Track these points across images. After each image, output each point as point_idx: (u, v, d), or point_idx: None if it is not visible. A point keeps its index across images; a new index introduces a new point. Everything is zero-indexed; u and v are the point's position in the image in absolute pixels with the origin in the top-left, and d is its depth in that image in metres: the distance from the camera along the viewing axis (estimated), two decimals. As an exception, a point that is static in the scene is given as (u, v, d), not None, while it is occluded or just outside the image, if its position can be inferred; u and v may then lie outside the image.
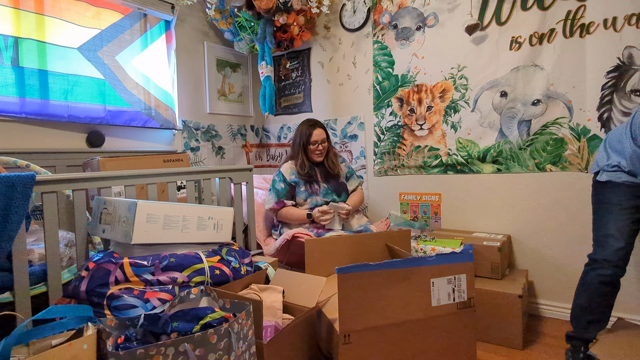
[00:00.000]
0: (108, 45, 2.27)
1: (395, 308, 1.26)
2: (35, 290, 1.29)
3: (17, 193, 1.18)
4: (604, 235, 1.52)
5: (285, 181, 2.23)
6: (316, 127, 2.25)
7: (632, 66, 1.84)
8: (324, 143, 2.25)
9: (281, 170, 2.28)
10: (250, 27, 2.66)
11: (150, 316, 1.03)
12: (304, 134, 2.24)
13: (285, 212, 2.19)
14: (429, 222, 2.49)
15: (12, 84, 1.90)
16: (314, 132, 2.23)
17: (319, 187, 2.23)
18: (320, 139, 2.23)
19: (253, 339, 1.12)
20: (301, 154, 2.25)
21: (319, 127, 2.26)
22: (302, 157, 2.25)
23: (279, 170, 2.29)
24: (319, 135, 2.23)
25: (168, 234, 1.37)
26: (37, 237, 1.54)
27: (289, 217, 2.18)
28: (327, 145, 2.28)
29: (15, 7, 1.90)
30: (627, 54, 1.85)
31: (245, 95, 3.21)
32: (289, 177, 2.24)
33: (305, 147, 2.24)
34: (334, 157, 2.33)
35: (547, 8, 2.03)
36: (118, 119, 2.29)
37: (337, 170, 2.31)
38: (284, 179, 2.24)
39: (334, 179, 2.30)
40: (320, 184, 2.26)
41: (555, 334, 1.89)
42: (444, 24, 2.36)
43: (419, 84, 2.47)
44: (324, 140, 2.25)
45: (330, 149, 2.33)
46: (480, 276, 1.95)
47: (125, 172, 1.54)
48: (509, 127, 2.19)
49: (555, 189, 2.08)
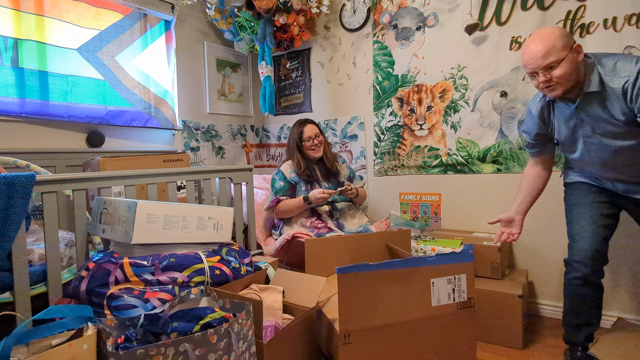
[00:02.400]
0: (108, 45, 2.27)
1: (395, 308, 1.26)
2: (35, 290, 1.29)
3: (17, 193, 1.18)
4: (570, 235, 1.56)
5: (285, 179, 2.23)
6: (307, 124, 2.25)
7: (632, 66, 1.84)
8: (318, 137, 2.24)
9: (281, 169, 2.27)
10: (250, 27, 2.66)
11: (150, 316, 1.03)
12: (295, 133, 2.25)
13: (282, 206, 2.17)
14: (429, 222, 2.49)
15: (12, 85, 1.90)
16: (304, 129, 2.23)
17: (319, 186, 2.23)
18: (314, 134, 2.23)
19: (253, 339, 1.12)
20: (296, 154, 2.25)
21: (309, 123, 2.26)
22: (297, 157, 2.24)
23: (279, 169, 2.28)
24: (311, 131, 2.23)
25: (168, 234, 1.37)
26: (37, 237, 1.54)
27: (287, 208, 2.16)
28: (322, 140, 2.26)
29: (15, 8, 1.90)
30: (627, 54, 1.85)
31: (245, 95, 3.21)
32: (289, 176, 2.24)
33: (300, 145, 2.24)
34: (330, 152, 2.32)
35: (547, 8, 2.03)
36: (119, 119, 2.29)
37: (335, 167, 2.30)
38: (284, 177, 2.24)
39: (333, 176, 2.30)
40: (321, 182, 2.26)
41: (555, 334, 1.89)
42: (444, 24, 2.36)
43: (419, 84, 2.47)
44: (317, 134, 2.24)
45: (326, 144, 2.31)
46: (480, 276, 1.95)
47: (125, 172, 1.54)
48: (509, 127, 2.19)
49: (555, 189, 2.07)
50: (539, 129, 1.56)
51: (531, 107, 1.57)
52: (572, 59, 1.31)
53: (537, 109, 1.53)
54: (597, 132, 1.40)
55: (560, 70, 1.31)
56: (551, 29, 1.37)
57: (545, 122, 1.54)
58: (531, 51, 1.35)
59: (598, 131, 1.39)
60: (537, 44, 1.34)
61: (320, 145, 2.25)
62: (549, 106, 1.51)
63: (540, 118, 1.54)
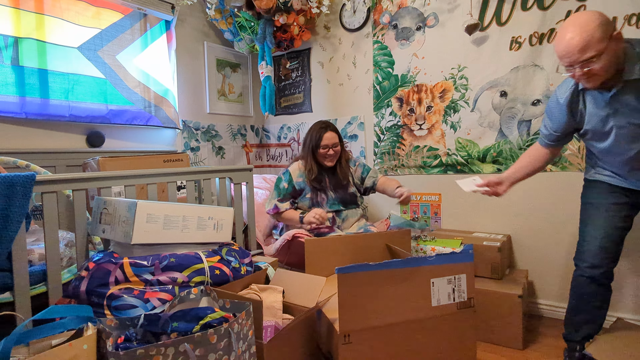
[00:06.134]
0: (108, 44, 2.27)
1: (395, 308, 1.26)
2: (35, 290, 1.29)
3: (17, 193, 1.18)
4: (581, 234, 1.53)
5: (290, 182, 2.15)
6: (328, 130, 2.11)
7: (632, 66, 1.84)
8: (335, 147, 2.11)
9: (289, 170, 2.18)
10: (250, 27, 2.66)
11: (150, 316, 1.03)
12: (314, 137, 2.12)
13: (285, 215, 2.13)
14: (429, 222, 2.49)
15: (12, 84, 1.90)
16: (324, 135, 2.09)
17: (326, 197, 2.15)
18: (332, 143, 2.10)
19: (253, 339, 1.12)
20: (310, 157, 2.14)
21: (330, 130, 2.12)
22: (310, 162, 2.13)
23: (287, 169, 2.19)
24: (330, 139, 2.10)
25: (168, 234, 1.37)
26: (37, 237, 1.54)
27: (288, 217, 2.14)
28: (339, 150, 2.14)
29: (15, 7, 1.90)
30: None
31: (245, 95, 3.21)
32: (296, 180, 2.15)
33: (315, 150, 2.12)
34: (346, 165, 2.20)
35: (547, 8, 2.03)
36: (120, 118, 2.29)
37: (347, 180, 2.19)
38: (290, 179, 2.15)
39: (342, 188, 2.19)
40: (328, 192, 2.16)
41: (555, 334, 1.89)
42: (444, 24, 2.36)
43: (419, 84, 2.47)
44: (335, 144, 2.11)
45: (343, 155, 2.19)
46: (480, 276, 1.95)
47: (125, 172, 1.54)
48: (509, 127, 2.19)
49: (555, 189, 2.08)
50: (567, 120, 1.44)
51: (559, 96, 1.45)
52: (612, 49, 1.20)
53: (566, 97, 1.41)
54: (632, 122, 1.30)
55: (600, 64, 1.20)
56: (589, 15, 1.22)
57: (573, 111, 1.42)
58: (567, 43, 1.22)
59: (634, 122, 1.30)
60: (574, 35, 1.20)
61: (335, 156, 2.13)
62: (581, 94, 1.40)
63: (568, 107, 1.41)
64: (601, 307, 1.51)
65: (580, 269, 1.50)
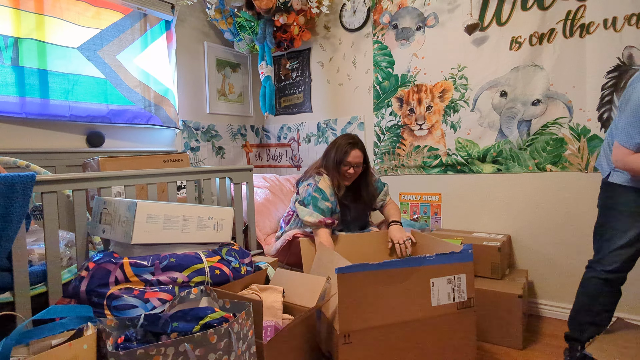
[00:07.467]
0: (108, 44, 2.27)
1: (395, 308, 1.26)
2: (35, 290, 1.29)
3: (17, 193, 1.18)
4: (600, 236, 1.51)
5: (328, 200, 1.91)
6: (355, 148, 1.94)
7: (632, 66, 1.84)
8: (357, 167, 1.96)
9: (322, 188, 1.93)
10: (250, 27, 2.66)
11: (150, 316, 1.03)
12: (340, 151, 1.94)
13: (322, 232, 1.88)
14: (429, 222, 2.49)
15: (12, 84, 1.90)
16: (352, 152, 1.92)
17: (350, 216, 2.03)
18: (355, 162, 1.94)
19: (253, 339, 1.12)
20: (335, 175, 1.96)
21: (358, 148, 1.95)
22: (337, 178, 1.96)
23: (317, 186, 1.93)
24: (355, 158, 1.93)
25: (168, 234, 1.37)
26: (37, 237, 1.54)
27: None
28: (359, 171, 1.99)
29: (15, 7, 1.90)
30: (627, 54, 1.85)
31: (245, 95, 3.21)
32: (331, 198, 1.92)
33: (339, 165, 1.95)
34: (373, 188, 2.06)
35: (547, 8, 2.03)
36: (121, 117, 2.29)
37: (371, 204, 2.08)
38: (327, 197, 1.91)
39: (363, 211, 2.08)
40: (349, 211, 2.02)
41: (555, 334, 1.89)
42: (444, 24, 2.36)
43: (419, 84, 2.47)
44: (358, 164, 1.95)
45: (370, 176, 2.04)
46: (480, 276, 1.95)
47: (125, 172, 1.54)
48: (509, 127, 2.19)
49: (555, 189, 2.08)
50: None
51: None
52: None
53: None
54: None
55: None
56: None
57: None
58: None
59: None
60: None
61: (354, 176, 1.98)
62: None
63: None
64: (610, 309, 1.51)
65: (596, 271, 1.49)
